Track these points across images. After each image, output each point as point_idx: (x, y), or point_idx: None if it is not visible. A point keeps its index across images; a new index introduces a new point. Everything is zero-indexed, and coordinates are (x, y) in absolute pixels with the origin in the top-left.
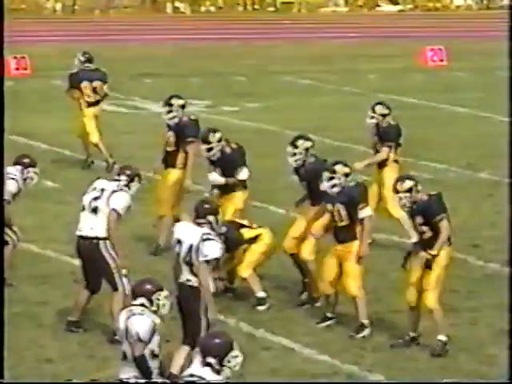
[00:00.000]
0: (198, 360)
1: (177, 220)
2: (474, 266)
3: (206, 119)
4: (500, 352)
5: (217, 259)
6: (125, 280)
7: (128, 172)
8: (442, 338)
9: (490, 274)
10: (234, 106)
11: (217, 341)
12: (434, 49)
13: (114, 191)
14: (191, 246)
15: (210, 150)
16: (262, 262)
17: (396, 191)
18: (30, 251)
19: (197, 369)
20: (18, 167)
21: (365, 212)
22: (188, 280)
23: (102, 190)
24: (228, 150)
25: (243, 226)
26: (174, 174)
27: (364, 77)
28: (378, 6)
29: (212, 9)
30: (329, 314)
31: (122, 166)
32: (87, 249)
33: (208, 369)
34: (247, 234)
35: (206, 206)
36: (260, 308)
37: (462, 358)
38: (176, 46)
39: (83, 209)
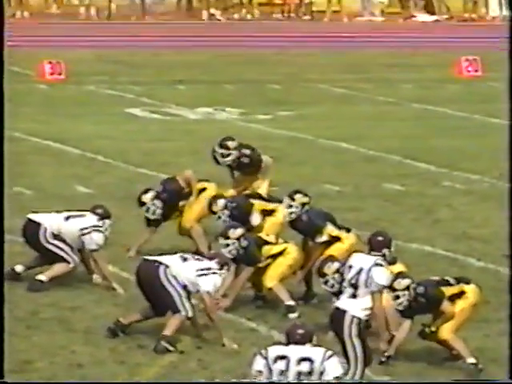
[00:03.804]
0: None
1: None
2: (506, 277)
3: (240, 127)
4: None
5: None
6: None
7: (218, 259)
8: (471, 360)
9: None
10: (267, 113)
11: None
12: (469, 59)
13: (205, 274)
14: (361, 270)
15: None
16: (287, 275)
17: (393, 289)
18: None
19: None
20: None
21: None
22: (342, 304)
23: None
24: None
25: (267, 242)
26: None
27: (399, 86)
28: (414, 16)
29: (248, 16)
30: None
31: (214, 252)
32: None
33: None
34: (270, 250)
35: (380, 238)
36: (291, 316)
37: (492, 369)
38: (211, 53)
39: None
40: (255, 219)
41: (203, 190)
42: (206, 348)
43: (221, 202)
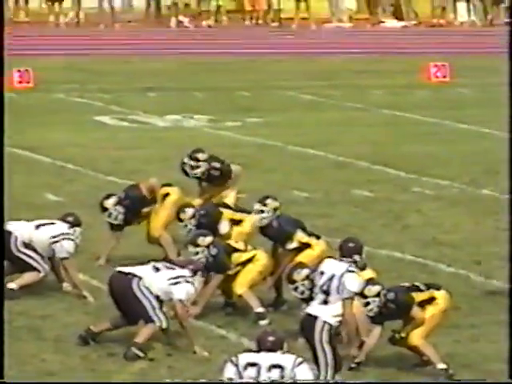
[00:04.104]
0: None
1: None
2: (476, 283)
3: (209, 134)
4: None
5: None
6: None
7: (191, 266)
8: (441, 366)
9: (491, 291)
10: (236, 120)
11: None
12: (438, 65)
13: (178, 282)
14: (333, 276)
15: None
16: (257, 282)
17: (363, 296)
18: None
19: None
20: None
21: None
22: (313, 310)
23: None
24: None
25: (236, 250)
26: None
27: (367, 92)
28: (382, 22)
29: (210, 23)
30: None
31: (186, 259)
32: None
33: None
34: (240, 258)
35: (351, 245)
36: (261, 323)
37: (464, 375)
38: (179, 60)
39: None
40: (224, 227)
41: (166, 195)
42: (176, 355)
43: (189, 211)
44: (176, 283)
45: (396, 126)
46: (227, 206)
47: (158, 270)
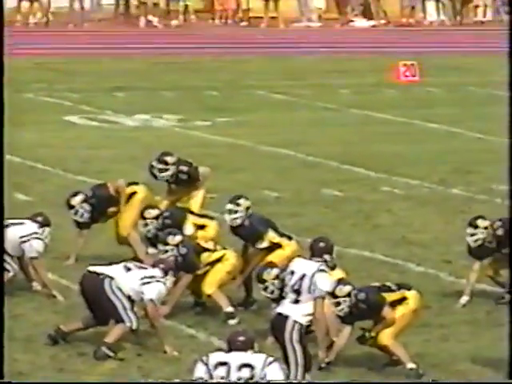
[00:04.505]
0: None
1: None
2: (446, 282)
3: (178, 133)
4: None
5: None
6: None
7: (162, 266)
8: (411, 365)
9: (461, 290)
10: (206, 120)
11: None
12: (407, 64)
13: (149, 282)
14: (304, 276)
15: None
16: (226, 281)
17: (334, 296)
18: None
19: None
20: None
21: None
22: (284, 309)
23: None
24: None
25: (206, 249)
26: None
27: (337, 92)
28: (351, 21)
29: (180, 22)
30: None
31: (156, 260)
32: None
33: None
34: (209, 257)
35: (322, 244)
36: (231, 322)
37: (433, 374)
38: (149, 60)
39: None
40: (188, 229)
41: (133, 193)
42: (146, 355)
43: (153, 212)
44: (147, 283)
45: (366, 125)
46: (190, 212)
47: (129, 269)
